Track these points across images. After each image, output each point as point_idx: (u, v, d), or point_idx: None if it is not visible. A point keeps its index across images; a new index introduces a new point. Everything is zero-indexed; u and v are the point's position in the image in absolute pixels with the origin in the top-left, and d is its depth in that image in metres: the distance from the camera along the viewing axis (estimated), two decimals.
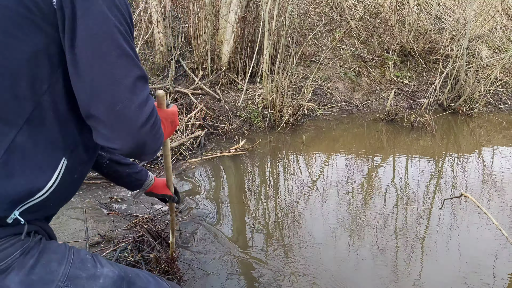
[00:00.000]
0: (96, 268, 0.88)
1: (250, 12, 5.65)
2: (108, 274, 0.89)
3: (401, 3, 7.78)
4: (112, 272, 0.91)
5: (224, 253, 2.36)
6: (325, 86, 6.24)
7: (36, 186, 0.76)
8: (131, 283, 0.94)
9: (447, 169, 4.08)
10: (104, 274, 0.88)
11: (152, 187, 1.50)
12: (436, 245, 2.56)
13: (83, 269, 0.86)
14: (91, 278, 0.85)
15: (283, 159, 4.20)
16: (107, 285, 0.87)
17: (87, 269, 0.86)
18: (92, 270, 0.87)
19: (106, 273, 0.89)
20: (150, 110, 0.78)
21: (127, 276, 0.94)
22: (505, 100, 6.99)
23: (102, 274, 0.88)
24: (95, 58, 0.72)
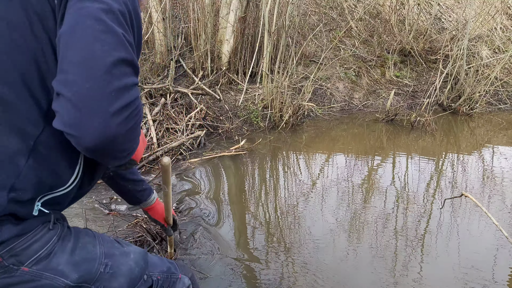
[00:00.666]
0: (123, 246, 0.97)
1: (250, 12, 5.65)
2: (136, 250, 0.99)
3: (401, 3, 7.78)
4: (138, 249, 1.01)
5: (224, 253, 2.36)
6: (325, 86, 6.24)
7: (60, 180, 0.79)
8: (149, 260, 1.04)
9: (447, 169, 4.08)
10: (133, 250, 0.98)
11: (150, 208, 1.44)
12: (436, 244, 2.56)
13: (114, 248, 0.93)
14: (123, 254, 0.94)
15: (283, 159, 4.20)
16: (137, 259, 0.97)
17: (117, 248, 0.94)
18: (121, 249, 0.95)
19: (134, 249, 0.98)
20: (129, 100, 0.67)
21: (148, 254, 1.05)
22: (505, 100, 6.98)
23: (130, 250, 0.97)
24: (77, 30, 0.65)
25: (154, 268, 1.04)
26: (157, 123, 4.22)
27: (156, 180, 3.38)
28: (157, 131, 4.09)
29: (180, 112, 4.61)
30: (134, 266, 0.94)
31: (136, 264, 0.95)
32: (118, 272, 0.89)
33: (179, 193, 3.18)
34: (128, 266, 0.92)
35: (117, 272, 0.89)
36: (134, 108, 0.69)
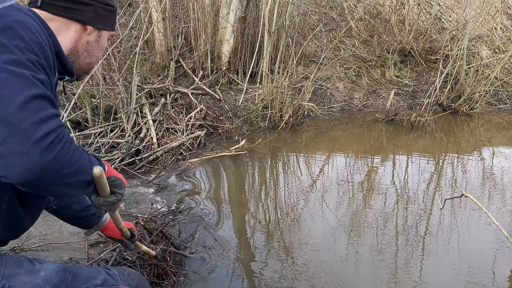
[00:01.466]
0: (34, 265, 0.93)
1: (250, 12, 5.65)
2: (49, 267, 0.94)
3: (401, 3, 7.78)
4: (53, 265, 0.96)
5: (224, 253, 2.36)
6: (325, 86, 6.24)
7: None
8: (75, 274, 0.99)
9: (447, 169, 4.08)
10: (45, 268, 0.94)
11: (104, 228, 1.41)
12: (436, 245, 2.56)
13: (20, 267, 0.90)
14: (31, 273, 0.90)
15: (283, 159, 4.20)
16: (49, 276, 0.92)
17: (23, 267, 0.91)
18: (30, 267, 0.92)
19: (47, 267, 0.94)
20: (48, 129, 0.70)
21: (70, 268, 1.00)
22: (505, 100, 6.98)
23: (42, 268, 0.93)
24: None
25: (83, 282, 0.99)
26: (157, 123, 4.22)
27: (156, 180, 3.39)
28: (157, 131, 4.09)
29: (180, 112, 4.61)
30: (43, 284, 0.90)
31: (45, 281, 0.91)
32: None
33: (179, 193, 3.18)
34: (33, 285, 0.89)
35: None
36: (55, 135, 0.71)
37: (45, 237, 2.34)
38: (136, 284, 1.16)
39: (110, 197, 0.94)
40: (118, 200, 0.96)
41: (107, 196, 0.94)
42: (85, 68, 1.03)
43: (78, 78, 1.04)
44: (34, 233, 2.37)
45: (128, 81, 4.39)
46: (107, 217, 1.40)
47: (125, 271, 1.17)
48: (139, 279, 1.21)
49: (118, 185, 0.96)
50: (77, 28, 0.95)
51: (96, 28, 0.99)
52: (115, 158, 3.60)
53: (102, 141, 3.70)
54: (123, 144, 3.74)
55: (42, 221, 2.53)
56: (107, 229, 1.42)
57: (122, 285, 1.08)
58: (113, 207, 0.99)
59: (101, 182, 0.89)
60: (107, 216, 1.41)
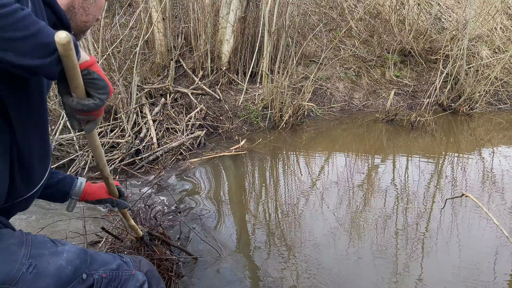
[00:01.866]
0: (57, 246, 0.94)
1: (250, 12, 5.65)
2: (71, 249, 0.96)
3: (401, 3, 7.78)
4: (74, 248, 0.97)
5: (224, 253, 2.36)
6: (325, 86, 6.24)
7: None
8: (93, 258, 1.01)
9: (447, 169, 4.08)
10: (67, 250, 0.95)
11: (84, 194, 1.27)
12: (437, 244, 2.55)
13: (44, 248, 0.91)
14: (54, 254, 0.92)
15: (283, 159, 4.19)
16: (71, 258, 0.94)
17: (48, 248, 0.92)
18: (53, 248, 0.93)
19: (68, 249, 0.95)
20: None
21: (90, 251, 1.01)
22: (505, 100, 6.98)
23: (64, 249, 0.94)
24: None
25: (100, 266, 1.00)
26: (157, 123, 4.22)
27: (156, 180, 3.38)
28: (157, 131, 4.09)
29: (180, 112, 4.61)
30: (65, 265, 0.91)
31: (68, 263, 0.92)
32: (43, 272, 0.87)
33: (179, 193, 3.17)
34: (57, 266, 0.90)
35: (42, 272, 0.87)
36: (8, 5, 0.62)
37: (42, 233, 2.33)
38: (147, 271, 1.18)
39: (86, 100, 0.77)
40: (96, 106, 0.79)
41: (82, 97, 0.77)
42: (82, 27, 0.96)
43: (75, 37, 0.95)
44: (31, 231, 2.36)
45: (128, 81, 4.39)
46: (82, 182, 1.27)
47: (136, 259, 1.20)
48: (150, 266, 1.22)
49: (100, 86, 0.79)
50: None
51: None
52: (115, 158, 3.60)
53: (102, 141, 3.70)
54: (123, 144, 3.73)
55: (41, 221, 2.53)
56: (87, 194, 1.28)
57: (134, 271, 1.11)
58: (91, 118, 0.84)
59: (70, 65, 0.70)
60: (81, 180, 1.27)
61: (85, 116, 0.82)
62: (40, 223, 2.52)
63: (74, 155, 3.53)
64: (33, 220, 2.56)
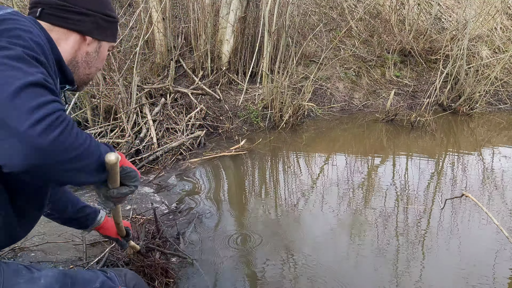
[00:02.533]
0: (33, 273, 0.91)
1: (250, 12, 5.65)
2: (48, 274, 0.93)
3: (401, 3, 7.78)
4: (52, 271, 0.94)
5: (224, 253, 2.36)
6: (325, 86, 6.24)
7: None
8: (74, 279, 0.98)
9: (447, 169, 4.08)
10: (44, 275, 0.92)
11: (100, 227, 1.41)
12: (437, 244, 2.55)
13: (19, 276, 0.88)
14: (30, 281, 0.88)
15: (283, 159, 4.19)
16: (49, 283, 0.91)
17: (22, 276, 0.89)
18: (29, 275, 0.89)
19: (46, 273, 0.93)
20: (46, 113, 0.66)
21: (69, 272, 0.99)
22: (505, 100, 6.98)
23: (41, 275, 0.91)
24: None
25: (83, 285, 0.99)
26: (157, 123, 4.22)
27: (156, 180, 3.38)
28: (157, 131, 4.09)
29: (180, 112, 4.61)
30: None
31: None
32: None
33: (179, 193, 3.17)
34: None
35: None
36: (55, 118, 0.67)
37: (44, 237, 2.34)
38: (134, 284, 1.15)
39: (123, 188, 0.88)
40: (131, 192, 0.91)
41: (119, 187, 0.87)
42: (84, 79, 1.01)
43: (77, 88, 1.02)
44: (33, 233, 2.37)
45: (128, 81, 4.39)
46: (102, 216, 1.40)
47: (121, 272, 1.16)
48: (137, 279, 1.20)
49: (132, 176, 0.90)
50: (76, 39, 0.94)
51: (96, 38, 0.97)
52: None
53: (102, 141, 3.70)
54: (123, 144, 3.73)
55: (41, 221, 2.53)
56: (102, 228, 1.41)
57: (120, 286, 1.07)
58: (123, 200, 0.96)
59: (114, 171, 0.82)
60: (101, 215, 1.40)
61: (119, 200, 0.93)
62: (41, 223, 2.52)
63: None
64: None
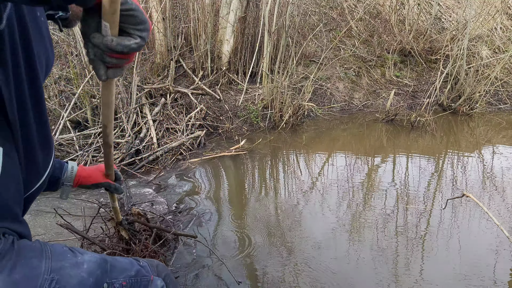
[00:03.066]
0: (77, 257, 0.91)
1: (250, 12, 5.65)
2: (91, 259, 0.92)
3: (401, 3, 7.78)
4: (94, 257, 0.94)
5: (224, 253, 2.35)
6: (325, 86, 6.24)
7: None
8: (112, 266, 0.97)
9: (447, 169, 4.08)
10: (87, 260, 0.91)
11: (78, 178, 1.19)
12: (437, 244, 2.55)
13: (64, 260, 0.87)
14: (75, 266, 0.88)
15: (283, 159, 4.19)
16: (92, 269, 0.91)
17: (68, 259, 0.88)
18: (73, 259, 0.89)
19: (89, 259, 0.92)
20: None
21: (108, 258, 0.98)
22: (505, 100, 6.98)
23: (84, 260, 0.91)
24: None
25: (119, 273, 0.98)
26: (157, 123, 4.22)
27: (156, 180, 3.38)
28: (157, 131, 4.09)
29: (180, 112, 4.61)
30: (87, 277, 0.89)
31: (89, 274, 0.89)
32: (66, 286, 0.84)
33: (179, 193, 3.17)
34: (79, 278, 0.87)
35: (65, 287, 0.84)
36: None
37: (44, 237, 2.33)
38: (165, 275, 1.15)
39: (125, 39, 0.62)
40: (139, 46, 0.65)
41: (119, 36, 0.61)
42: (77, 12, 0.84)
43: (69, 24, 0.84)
44: (32, 233, 2.37)
45: (128, 81, 4.39)
46: (73, 165, 1.17)
47: (153, 263, 1.16)
48: (167, 271, 1.20)
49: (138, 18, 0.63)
50: None
51: None
52: (115, 158, 3.59)
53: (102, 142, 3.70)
54: (123, 144, 3.73)
55: (40, 221, 2.53)
56: (82, 178, 1.20)
57: (152, 276, 1.08)
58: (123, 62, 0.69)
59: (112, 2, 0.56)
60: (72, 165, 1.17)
61: (118, 60, 0.67)
62: (39, 223, 2.53)
63: (74, 155, 3.53)
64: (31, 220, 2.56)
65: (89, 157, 3.51)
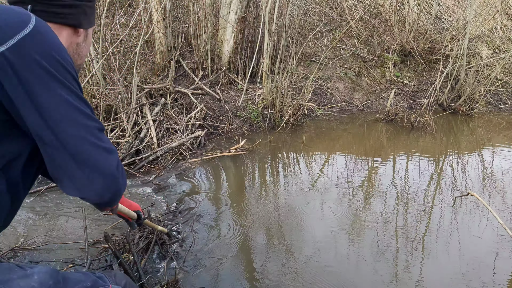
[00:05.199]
0: (26, 270, 0.92)
1: (250, 12, 5.65)
2: (41, 270, 0.94)
3: (401, 3, 7.78)
4: (44, 268, 0.95)
5: (224, 254, 2.35)
6: (325, 86, 6.23)
7: None
8: (65, 278, 0.99)
9: (447, 169, 4.07)
10: (37, 272, 0.93)
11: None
12: (437, 245, 2.55)
13: (12, 273, 0.89)
14: (24, 277, 0.89)
15: (283, 159, 4.19)
16: (43, 279, 0.91)
17: (16, 272, 0.90)
18: (22, 272, 0.91)
19: (39, 270, 0.93)
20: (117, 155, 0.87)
21: (61, 271, 1.00)
22: (505, 100, 6.98)
23: (34, 272, 0.92)
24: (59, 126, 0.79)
25: (74, 284, 1.00)
26: (157, 123, 4.21)
27: (156, 180, 3.38)
28: (157, 131, 4.09)
29: (180, 112, 4.61)
30: (38, 286, 0.90)
31: (41, 284, 0.91)
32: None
33: (179, 193, 3.17)
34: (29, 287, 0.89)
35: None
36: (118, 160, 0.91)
37: (46, 237, 2.33)
38: (125, 283, 1.16)
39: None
40: None
41: None
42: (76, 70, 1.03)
43: None
44: (34, 233, 2.36)
45: (128, 81, 4.38)
46: None
47: (111, 273, 1.17)
48: (126, 279, 1.20)
49: None
50: (69, 32, 0.95)
51: (85, 28, 0.99)
52: None
53: None
54: (123, 144, 3.73)
55: (42, 221, 2.53)
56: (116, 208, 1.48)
57: (111, 285, 1.09)
58: None
59: None
60: None
61: None
62: (39, 223, 2.52)
63: None
64: (31, 221, 2.56)
65: None
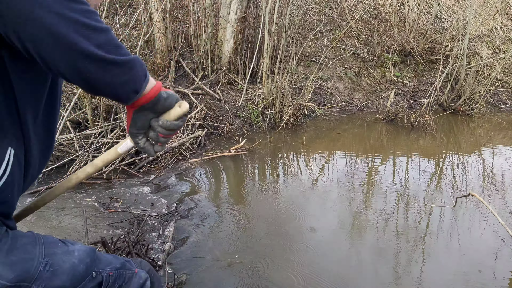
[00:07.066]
0: (68, 246, 0.98)
1: (250, 12, 5.65)
2: (81, 248, 1.00)
3: (401, 3, 7.78)
4: (84, 247, 1.01)
5: (223, 254, 2.35)
6: (325, 86, 6.23)
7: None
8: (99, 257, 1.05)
9: (447, 169, 4.07)
10: (77, 248, 0.99)
11: None
12: (437, 245, 2.55)
13: (56, 247, 0.95)
14: (66, 253, 0.95)
15: (283, 159, 4.19)
16: (82, 256, 0.98)
17: (60, 247, 0.95)
18: (64, 248, 0.96)
19: (79, 248, 0.99)
20: None
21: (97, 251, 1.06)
22: (505, 100, 6.98)
23: (75, 248, 0.98)
24: None
25: (106, 265, 1.05)
26: None
27: (156, 180, 3.38)
28: None
29: None
30: (78, 263, 0.95)
31: (80, 261, 0.96)
32: (59, 270, 0.91)
33: (179, 193, 3.17)
34: (71, 264, 0.93)
35: (58, 270, 0.90)
36: None
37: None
38: (149, 269, 1.21)
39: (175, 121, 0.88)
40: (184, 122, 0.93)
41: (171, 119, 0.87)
42: None
43: None
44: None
45: None
46: None
47: (137, 260, 1.23)
48: (150, 266, 1.26)
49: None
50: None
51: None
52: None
53: (102, 141, 3.70)
54: None
55: (42, 221, 2.53)
56: None
57: (137, 269, 1.15)
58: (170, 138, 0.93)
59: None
60: None
61: (167, 138, 0.92)
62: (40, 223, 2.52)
63: (74, 155, 3.53)
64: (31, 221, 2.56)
65: (89, 157, 3.51)
